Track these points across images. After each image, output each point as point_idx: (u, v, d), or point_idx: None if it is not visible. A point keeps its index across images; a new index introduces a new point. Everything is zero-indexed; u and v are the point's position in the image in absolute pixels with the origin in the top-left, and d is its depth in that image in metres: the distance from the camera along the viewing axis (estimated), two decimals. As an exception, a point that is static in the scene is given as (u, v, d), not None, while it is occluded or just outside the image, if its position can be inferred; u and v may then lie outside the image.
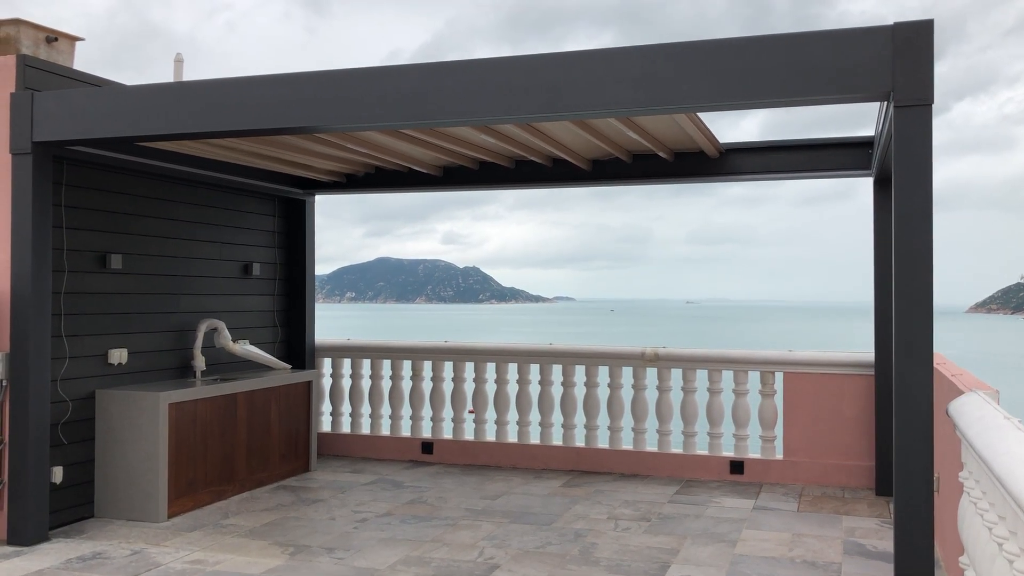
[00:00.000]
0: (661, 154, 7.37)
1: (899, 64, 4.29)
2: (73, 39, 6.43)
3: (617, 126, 6.33)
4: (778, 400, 8.02)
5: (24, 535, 5.82)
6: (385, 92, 5.13)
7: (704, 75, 4.61)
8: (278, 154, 7.18)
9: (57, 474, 6.24)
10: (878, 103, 5.66)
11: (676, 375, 8.32)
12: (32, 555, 5.63)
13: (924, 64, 4.27)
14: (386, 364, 9.14)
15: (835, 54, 4.40)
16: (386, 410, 9.11)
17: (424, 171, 8.20)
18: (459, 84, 5.01)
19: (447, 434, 8.91)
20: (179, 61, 6.72)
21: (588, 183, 8.05)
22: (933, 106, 4.29)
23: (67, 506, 6.37)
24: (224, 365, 8.00)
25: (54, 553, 5.68)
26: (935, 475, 4.42)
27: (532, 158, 7.62)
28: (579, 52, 4.87)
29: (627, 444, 8.40)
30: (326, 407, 9.28)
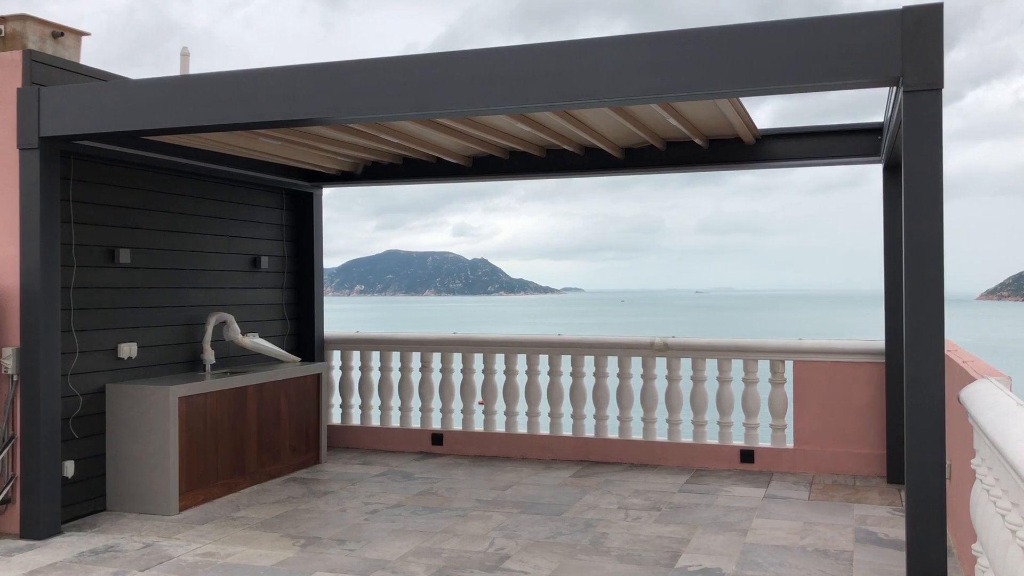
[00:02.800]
0: (696, 140, 7.31)
1: (908, 48, 4.25)
2: (79, 34, 6.43)
3: (658, 112, 6.22)
4: (788, 389, 8.00)
5: (37, 529, 5.85)
6: (390, 82, 5.11)
7: (713, 62, 4.58)
8: (303, 142, 7.07)
9: (68, 468, 6.27)
10: (887, 88, 5.62)
11: (686, 364, 8.30)
12: (45, 549, 5.66)
13: (933, 48, 4.23)
14: (395, 356, 9.15)
15: (844, 39, 4.36)
16: (396, 402, 9.12)
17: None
18: (466, 74, 4.99)
19: (457, 425, 8.91)
20: (185, 55, 6.72)
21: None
22: (946, 92, 4.26)
23: (79, 500, 6.40)
24: (234, 358, 8.02)
25: (67, 547, 5.71)
26: (947, 462, 4.40)
27: (565, 147, 7.56)
28: (587, 40, 4.84)
29: (637, 434, 8.39)
30: (336, 399, 9.29)
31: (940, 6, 4.25)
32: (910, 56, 4.25)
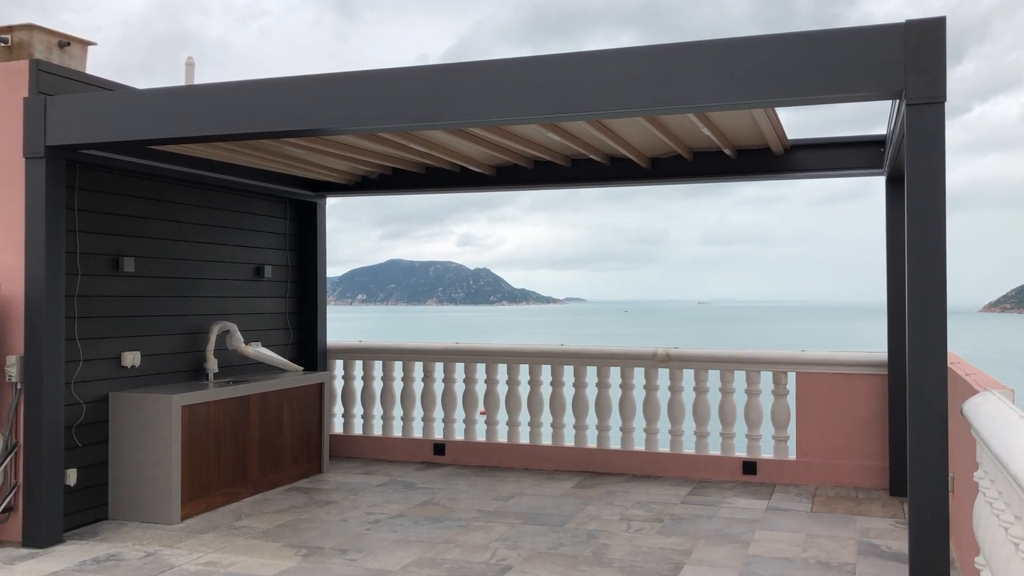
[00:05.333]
0: (726, 151, 7.29)
1: (911, 62, 4.27)
2: (85, 44, 6.46)
3: (691, 121, 6.17)
4: (791, 400, 7.99)
5: (39, 537, 5.85)
6: (393, 93, 5.14)
7: (717, 74, 4.59)
8: (328, 150, 7.03)
9: (71, 476, 6.28)
10: (890, 101, 5.63)
11: (688, 375, 8.30)
12: (47, 557, 5.66)
13: (936, 61, 4.25)
14: (398, 365, 9.15)
15: (847, 52, 4.38)
16: (398, 411, 9.12)
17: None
18: (474, 84, 5.01)
19: (459, 435, 8.91)
20: (190, 64, 6.75)
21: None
22: (954, 105, 4.30)
23: (81, 508, 6.40)
24: (236, 367, 8.03)
25: (69, 555, 5.70)
26: (950, 475, 4.39)
27: (592, 156, 7.52)
28: (590, 52, 4.86)
29: (639, 445, 8.38)
30: (338, 409, 9.30)
31: (943, 20, 4.26)
32: (913, 69, 4.27)
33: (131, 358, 6.83)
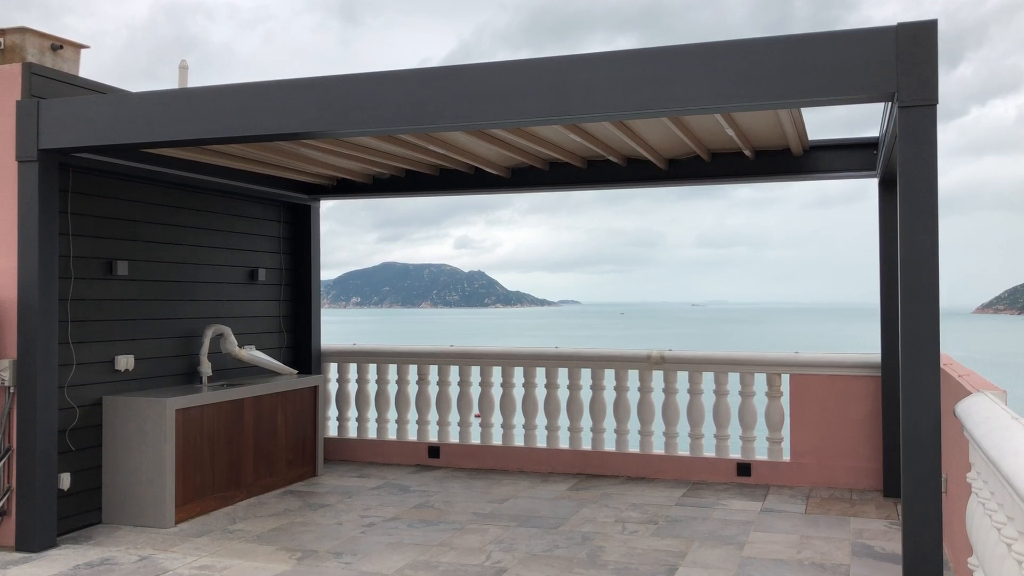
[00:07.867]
0: (746, 151, 7.26)
1: (903, 64, 4.29)
2: (78, 47, 6.45)
3: (716, 121, 6.15)
4: (785, 402, 8.00)
5: (32, 541, 5.83)
6: (388, 96, 5.14)
7: (708, 77, 4.60)
8: (346, 152, 7.01)
9: (65, 480, 6.26)
10: (883, 103, 5.66)
11: (682, 377, 8.31)
12: (40, 561, 5.64)
13: (928, 64, 4.26)
14: (392, 368, 9.15)
15: (839, 55, 4.39)
16: (392, 414, 9.12)
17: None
18: (481, 87, 5.00)
19: (453, 438, 8.91)
20: (184, 68, 6.74)
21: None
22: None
23: (75, 512, 6.38)
24: (231, 371, 8.02)
25: (62, 559, 5.69)
26: (943, 476, 4.41)
27: (610, 158, 7.48)
28: (585, 55, 4.86)
29: (634, 447, 8.39)
30: (332, 412, 9.28)
31: (934, 23, 4.28)
32: (905, 72, 4.28)
33: (125, 362, 6.82)
